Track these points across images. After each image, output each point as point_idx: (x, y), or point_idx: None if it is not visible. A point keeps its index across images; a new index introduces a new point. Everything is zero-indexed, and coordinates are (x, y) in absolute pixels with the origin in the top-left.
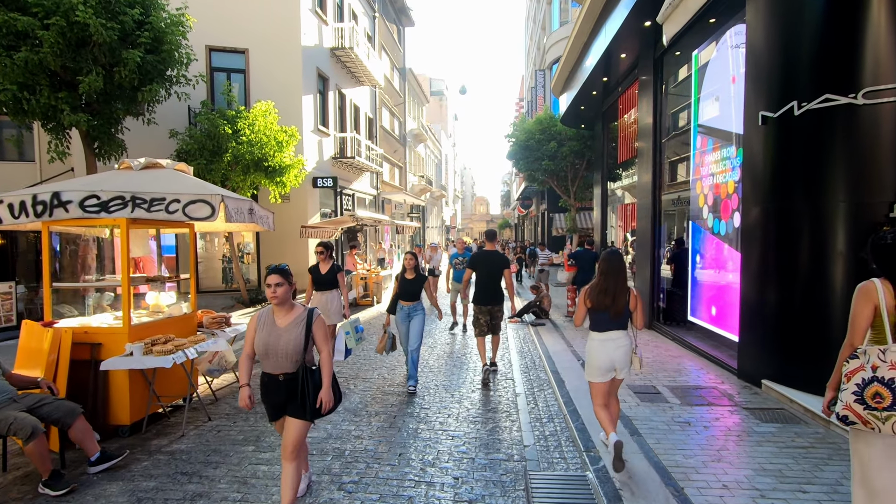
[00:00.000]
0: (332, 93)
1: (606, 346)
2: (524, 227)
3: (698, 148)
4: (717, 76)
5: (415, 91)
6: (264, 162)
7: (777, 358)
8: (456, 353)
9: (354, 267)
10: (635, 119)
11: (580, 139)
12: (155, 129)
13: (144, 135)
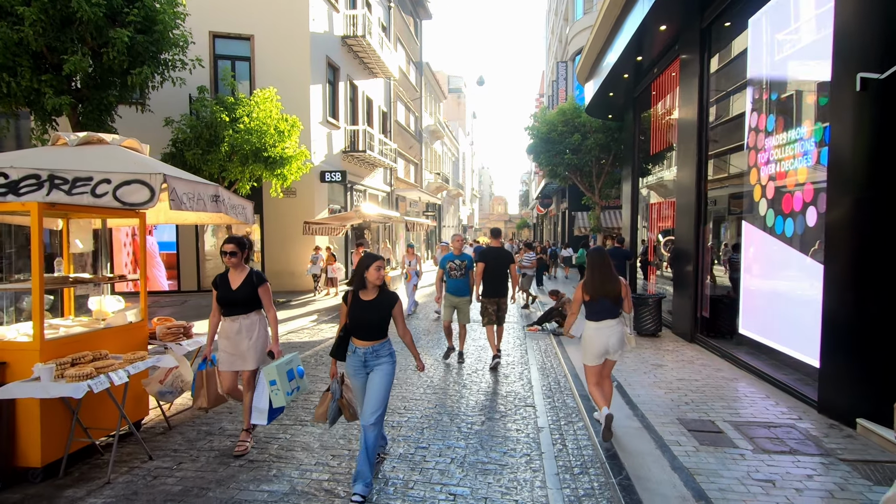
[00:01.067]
0: (342, 83)
1: (601, 333)
2: (543, 227)
3: (754, 130)
4: (783, 42)
5: (432, 86)
6: (263, 152)
7: (878, 390)
8: (454, 385)
9: None
10: (674, 104)
11: (606, 131)
12: (151, 118)
13: (139, 123)
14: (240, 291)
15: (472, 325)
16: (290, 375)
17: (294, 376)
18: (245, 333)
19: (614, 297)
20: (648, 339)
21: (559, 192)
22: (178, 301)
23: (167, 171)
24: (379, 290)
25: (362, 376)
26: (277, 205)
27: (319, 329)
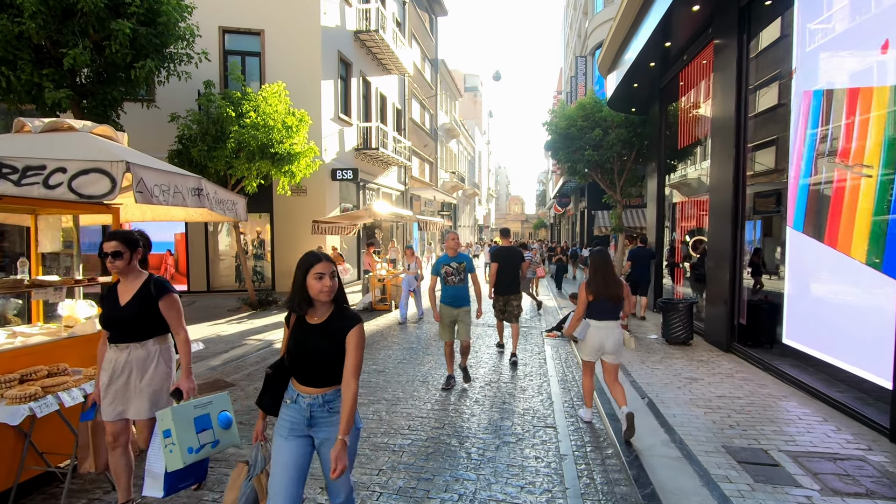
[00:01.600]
0: (355, 79)
1: (600, 333)
2: (560, 227)
3: (802, 117)
4: (842, 14)
5: (447, 84)
6: (270, 148)
7: None
8: (465, 400)
9: (372, 267)
10: (705, 94)
11: (629, 126)
12: (157, 114)
13: (148, 120)
14: (129, 308)
15: (481, 332)
16: (200, 424)
17: (210, 425)
18: (136, 369)
19: (616, 298)
20: (679, 347)
21: (577, 191)
22: (185, 302)
23: (133, 158)
24: (332, 309)
25: (300, 441)
26: (287, 203)
27: None
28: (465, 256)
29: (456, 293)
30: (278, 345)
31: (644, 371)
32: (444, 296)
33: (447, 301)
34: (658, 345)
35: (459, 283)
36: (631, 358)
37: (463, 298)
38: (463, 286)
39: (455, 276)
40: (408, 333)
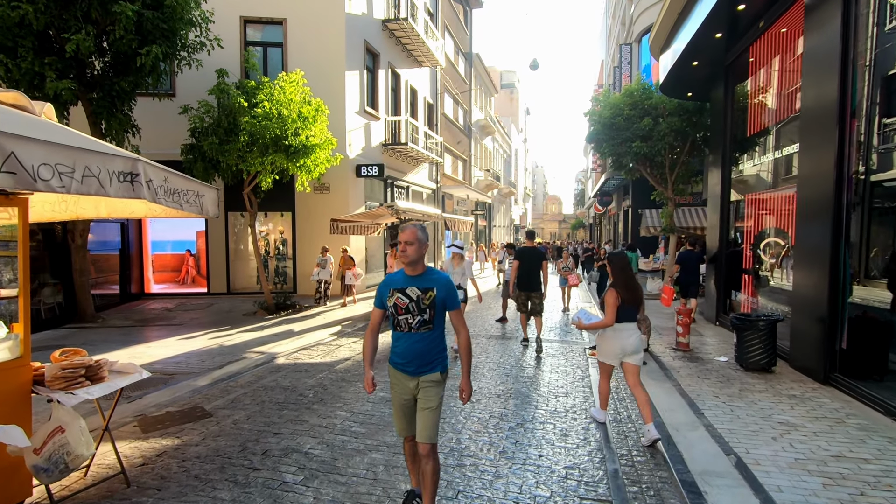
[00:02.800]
0: (383, 71)
1: (621, 335)
2: (601, 228)
3: None
4: None
5: (482, 79)
6: (284, 140)
7: None
8: (490, 449)
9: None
10: (792, 65)
11: (682, 114)
12: (170, 105)
13: (163, 113)
14: None
15: (513, 331)
16: None
17: None
18: None
19: (636, 303)
20: (759, 375)
21: (620, 189)
22: (203, 304)
23: (16, 128)
24: None
25: None
26: (309, 201)
27: (338, 346)
28: (441, 278)
29: (415, 350)
30: (280, 359)
31: (721, 409)
32: (394, 350)
33: (398, 362)
34: (731, 370)
35: (424, 329)
36: (702, 389)
37: (426, 357)
38: (430, 335)
39: (414, 317)
40: None
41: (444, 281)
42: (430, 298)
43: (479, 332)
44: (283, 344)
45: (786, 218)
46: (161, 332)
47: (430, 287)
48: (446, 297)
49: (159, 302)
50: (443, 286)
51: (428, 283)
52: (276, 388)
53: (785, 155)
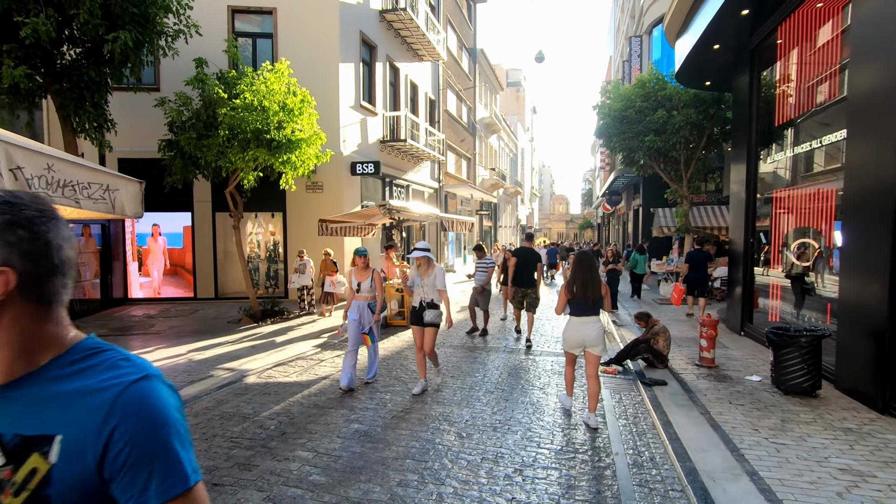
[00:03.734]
0: (381, 64)
1: (581, 327)
2: (609, 228)
3: None
4: None
5: (487, 76)
6: (265, 134)
7: None
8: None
9: (392, 273)
10: (830, 45)
11: (698, 105)
12: (148, 98)
13: (140, 106)
14: None
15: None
16: None
17: None
18: None
19: (594, 298)
20: (802, 400)
21: (630, 188)
22: (188, 310)
23: None
24: None
25: None
26: (301, 201)
27: (319, 360)
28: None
29: None
30: (251, 378)
31: (764, 449)
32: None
33: None
34: (767, 393)
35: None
36: (736, 419)
37: None
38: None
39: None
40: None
41: None
42: None
43: (477, 342)
44: (260, 358)
45: (820, 216)
46: (134, 342)
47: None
48: None
49: (144, 307)
50: None
51: None
52: (235, 416)
53: (819, 146)
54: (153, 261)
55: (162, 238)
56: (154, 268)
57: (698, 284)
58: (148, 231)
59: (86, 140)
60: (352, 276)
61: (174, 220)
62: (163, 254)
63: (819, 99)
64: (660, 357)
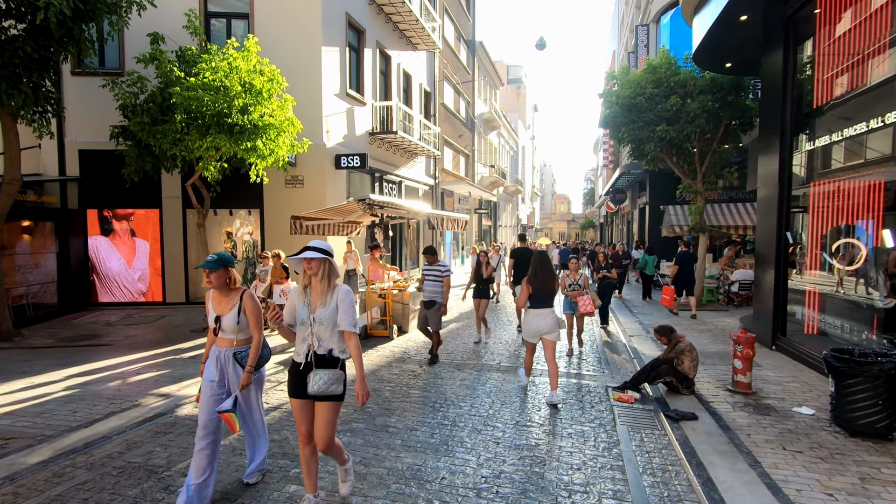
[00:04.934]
0: (370, 51)
1: (539, 318)
2: (613, 227)
3: None
4: None
5: (486, 70)
6: (226, 118)
7: None
8: None
9: (378, 275)
10: (884, 11)
11: (715, 91)
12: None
13: (98, 90)
14: None
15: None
16: None
17: None
18: None
19: (550, 292)
20: (877, 445)
21: (636, 185)
22: (154, 317)
23: None
24: None
25: None
26: (279, 197)
27: (277, 382)
28: None
29: None
30: (186, 408)
31: (817, 491)
32: None
33: None
34: (828, 434)
35: None
36: (799, 476)
37: None
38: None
39: None
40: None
41: None
42: None
43: (470, 360)
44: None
45: (865, 211)
46: (78, 355)
47: None
48: None
49: (108, 313)
50: None
51: None
52: (140, 470)
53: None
54: (118, 262)
55: (132, 237)
56: (121, 269)
57: (687, 284)
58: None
59: (26, 127)
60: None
61: (141, 218)
62: (130, 254)
63: (868, 76)
64: (685, 381)
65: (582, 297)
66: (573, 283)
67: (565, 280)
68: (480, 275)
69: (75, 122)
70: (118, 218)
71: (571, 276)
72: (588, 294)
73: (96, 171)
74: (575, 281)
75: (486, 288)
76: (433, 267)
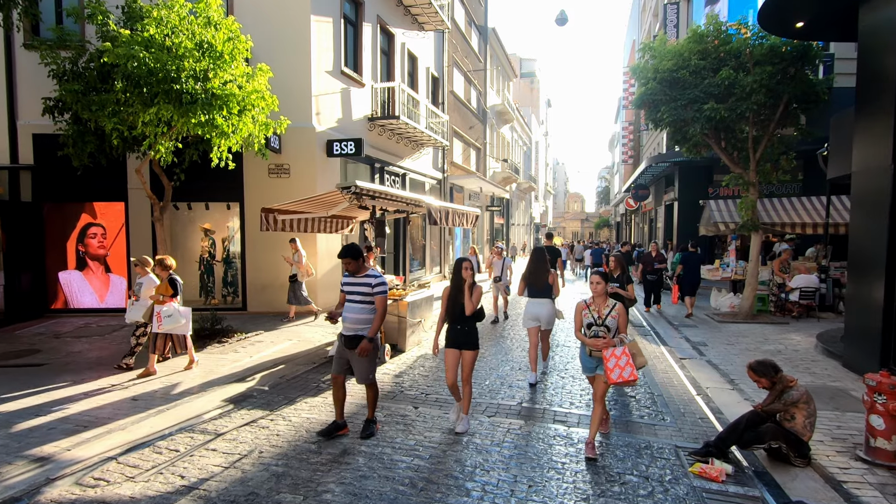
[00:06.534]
0: (369, 26)
1: (535, 306)
2: (631, 226)
3: None
4: None
5: (499, 59)
6: (174, 84)
7: None
8: None
9: None
10: None
11: (776, 62)
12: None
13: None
14: None
15: None
16: None
17: None
18: None
19: (542, 285)
20: None
21: (661, 180)
22: (114, 326)
23: None
24: None
25: None
26: (263, 189)
27: (213, 436)
28: None
29: None
30: (61, 486)
31: None
32: None
33: None
34: None
35: None
36: None
37: None
38: None
39: None
40: None
41: None
42: None
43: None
44: (118, 429)
45: None
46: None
47: None
48: None
49: (63, 322)
50: None
51: None
52: None
53: None
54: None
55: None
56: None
57: (692, 284)
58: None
59: None
60: None
61: (104, 212)
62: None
63: None
64: (799, 446)
65: (612, 348)
66: (596, 322)
67: (583, 314)
68: (460, 305)
69: (28, 103)
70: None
71: (596, 305)
72: (626, 343)
73: (53, 159)
74: (601, 318)
75: (472, 329)
76: (358, 279)
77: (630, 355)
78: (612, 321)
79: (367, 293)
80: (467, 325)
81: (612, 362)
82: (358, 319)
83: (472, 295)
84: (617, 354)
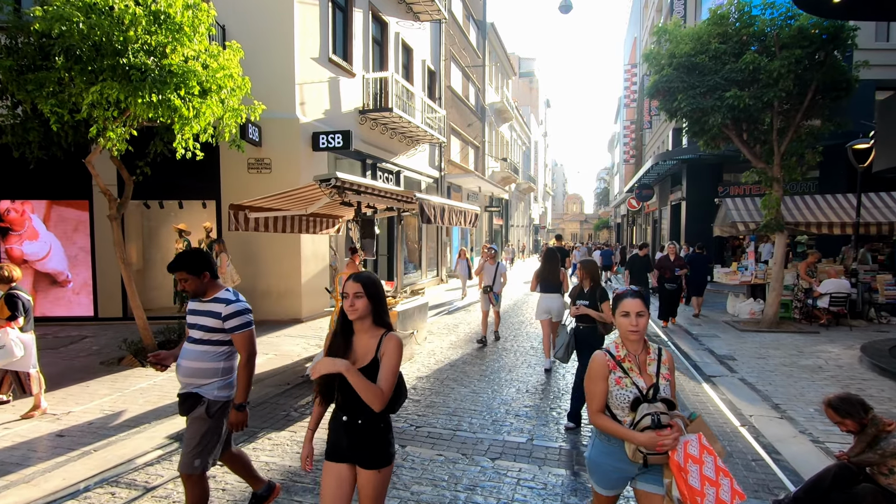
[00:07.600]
0: (360, 13)
1: (546, 300)
2: (633, 227)
3: None
4: None
5: (498, 55)
6: (120, 57)
7: None
8: None
9: None
10: None
11: (807, 45)
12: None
13: None
14: None
15: None
16: None
17: None
18: None
19: (555, 282)
20: None
21: (666, 179)
22: (73, 337)
23: None
24: None
25: None
26: (242, 186)
27: (153, 483)
28: None
29: None
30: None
31: None
32: None
33: None
34: None
35: None
36: None
37: None
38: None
39: None
40: None
41: None
42: None
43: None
44: (49, 472)
45: None
46: None
47: None
48: None
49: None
50: None
51: None
52: None
53: None
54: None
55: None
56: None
57: (699, 285)
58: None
59: None
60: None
61: (67, 214)
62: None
63: None
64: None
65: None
66: (643, 393)
67: (613, 380)
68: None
69: None
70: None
71: (632, 356)
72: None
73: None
74: (649, 384)
75: (374, 426)
76: (202, 306)
77: (706, 448)
78: (665, 384)
79: (211, 328)
80: (365, 416)
81: (695, 473)
82: (193, 370)
83: (386, 359)
84: (693, 453)
